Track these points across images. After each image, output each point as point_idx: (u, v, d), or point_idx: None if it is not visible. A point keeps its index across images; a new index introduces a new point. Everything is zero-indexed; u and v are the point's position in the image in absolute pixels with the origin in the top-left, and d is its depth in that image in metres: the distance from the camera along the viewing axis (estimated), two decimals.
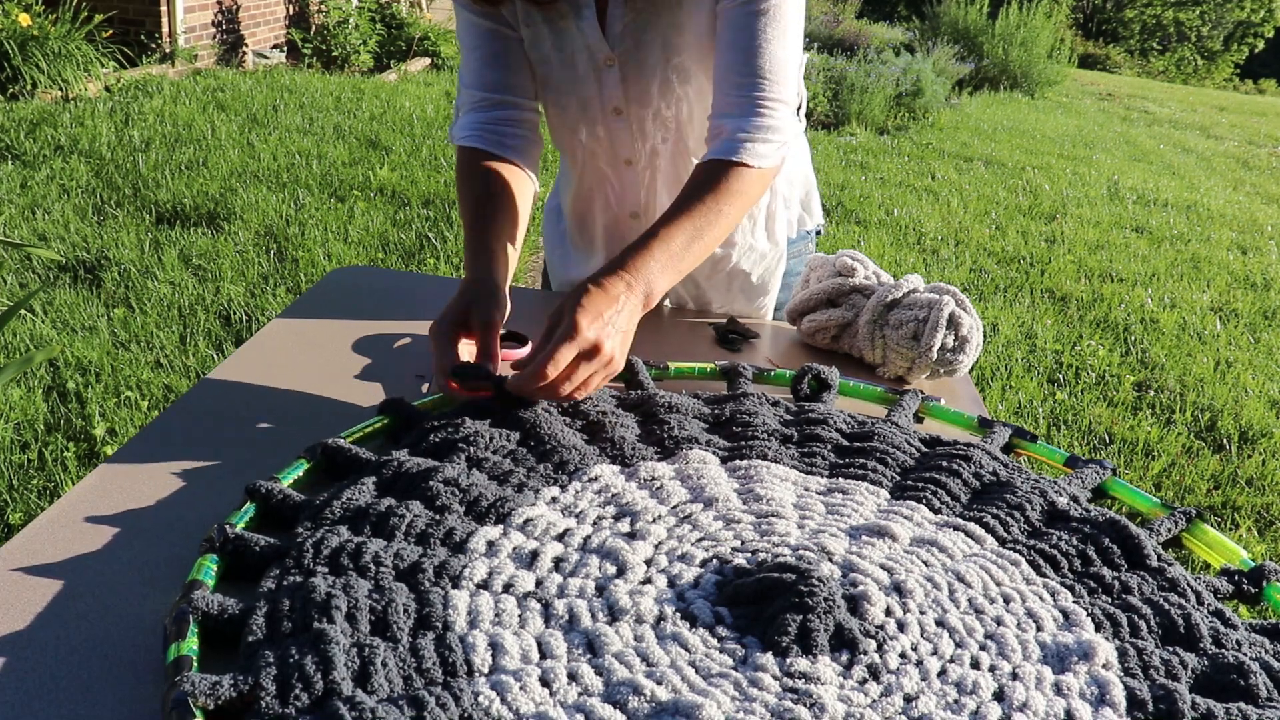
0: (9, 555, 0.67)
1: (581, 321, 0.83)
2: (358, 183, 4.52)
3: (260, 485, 0.72)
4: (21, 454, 2.26)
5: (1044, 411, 3.17)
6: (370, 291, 1.24)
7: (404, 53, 7.87)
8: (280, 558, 0.66)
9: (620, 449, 0.83)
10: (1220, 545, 0.80)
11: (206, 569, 0.64)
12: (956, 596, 0.68)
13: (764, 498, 0.77)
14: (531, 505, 0.73)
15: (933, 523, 0.77)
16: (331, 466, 0.79)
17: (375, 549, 0.65)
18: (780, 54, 1.03)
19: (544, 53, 1.11)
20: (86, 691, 0.57)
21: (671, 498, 0.76)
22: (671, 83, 1.10)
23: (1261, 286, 4.84)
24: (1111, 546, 0.75)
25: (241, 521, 0.69)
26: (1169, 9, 22.72)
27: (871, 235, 4.84)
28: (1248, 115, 12.60)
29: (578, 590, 0.65)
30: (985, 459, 0.86)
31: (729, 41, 1.03)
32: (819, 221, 1.36)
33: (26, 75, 5.10)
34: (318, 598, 0.60)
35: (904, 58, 8.97)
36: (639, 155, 1.18)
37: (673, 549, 0.70)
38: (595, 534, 0.71)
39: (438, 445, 0.81)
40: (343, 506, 0.70)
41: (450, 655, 0.57)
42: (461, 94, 1.14)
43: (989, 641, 0.64)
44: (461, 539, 0.68)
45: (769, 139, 1.02)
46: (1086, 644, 0.63)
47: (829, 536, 0.73)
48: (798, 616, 0.62)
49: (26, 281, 3.16)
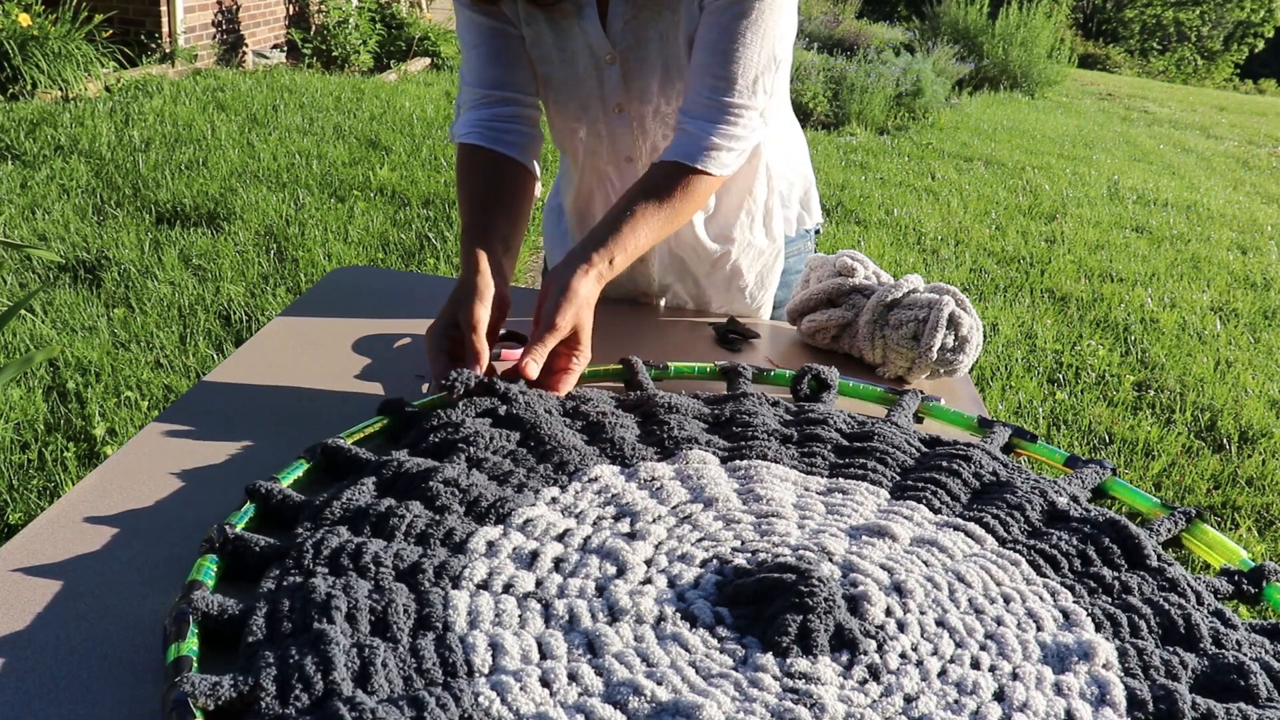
0: (9, 555, 0.67)
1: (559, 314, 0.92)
2: (358, 183, 4.52)
3: (260, 485, 0.72)
4: (21, 454, 2.26)
5: (1044, 411, 3.17)
6: (370, 291, 1.24)
7: (404, 53, 7.87)
8: (280, 558, 0.65)
9: (620, 449, 0.82)
10: (1220, 545, 0.80)
11: (206, 569, 0.64)
12: (957, 596, 0.68)
13: (764, 498, 0.77)
14: (531, 505, 0.73)
15: (933, 523, 0.77)
16: (331, 466, 0.79)
17: (375, 549, 0.65)
18: (756, 59, 1.03)
19: (545, 51, 1.11)
20: (86, 691, 0.57)
21: (671, 498, 0.76)
22: (672, 79, 1.10)
23: (1261, 286, 4.84)
24: (1112, 546, 0.74)
25: (241, 522, 0.69)
26: (1169, 9, 22.72)
27: (871, 235, 4.84)
28: (1248, 115, 12.60)
29: (578, 590, 0.65)
30: (985, 459, 0.86)
31: (708, 41, 1.03)
32: (818, 220, 1.36)
33: (26, 75, 5.10)
34: (318, 598, 0.60)
35: (904, 58, 8.97)
36: (640, 152, 1.18)
37: (673, 549, 0.70)
38: (595, 534, 0.71)
39: (438, 445, 0.80)
40: (343, 507, 0.70)
41: (450, 655, 0.57)
42: (463, 92, 1.13)
43: (989, 641, 0.64)
44: (461, 539, 0.68)
45: (732, 147, 1.04)
46: (1087, 644, 0.63)
47: (829, 537, 0.73)
48: (798, 617, 0.61)
49: (26, 281, 3.16)
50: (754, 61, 1.03)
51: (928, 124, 8.15)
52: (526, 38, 1.11)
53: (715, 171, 1.04)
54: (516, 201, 1.07)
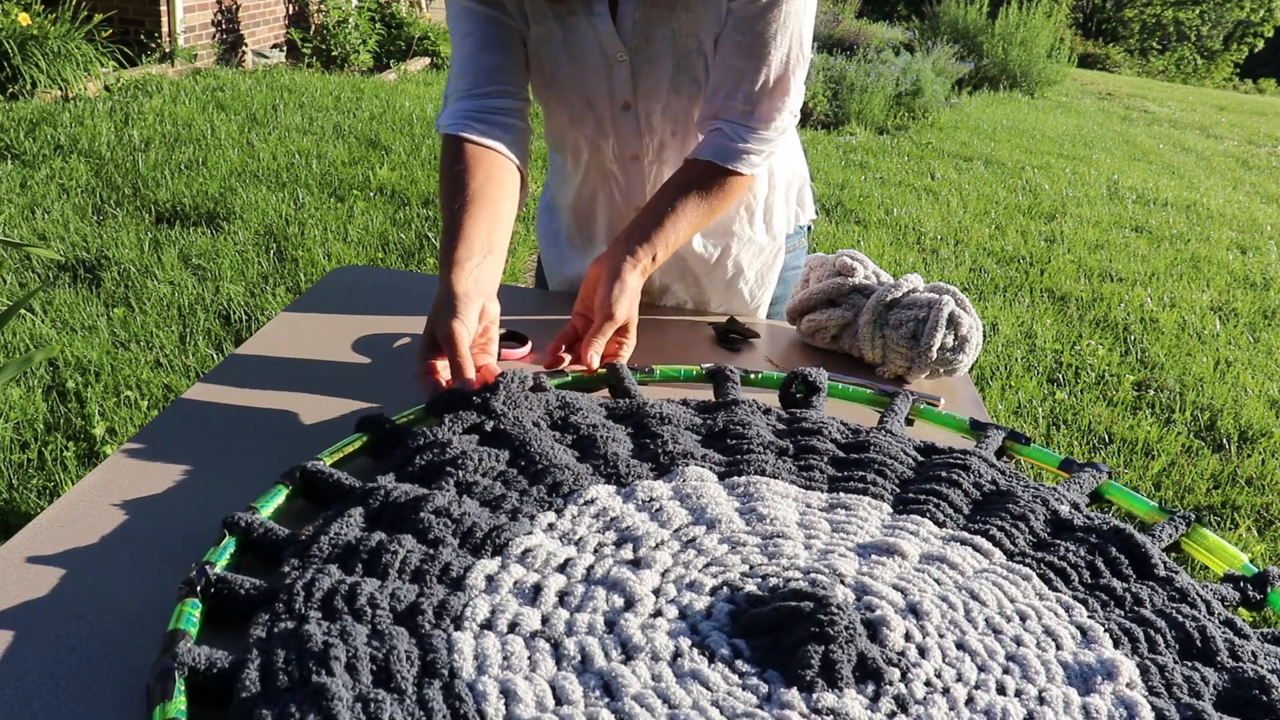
0: (9, 555, 0.67)
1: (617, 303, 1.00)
2: (357, 182, 4.52)
3: (239, 518, 0.68)
4: (21, 454, 2.26)
5: (1043, 411, 3.17)
6: (370, 291, 1.24)
7: (404, 52, 7.86)
8: (268, 601, 0.61)
9: (615, 467, 0.79)
10: (1220, 550, 0.80)
11: (188, 616, 0.59)
12: (973, 616, 0.67)
13: (767, 517, 0.75)
14: (528, 534, 0.70)
15: (939, 537, 0.76)
16: (312, 491, 0.75)
17: (370, 590, 0.62)
18: (787, 60, 1.03)
19: (552, 49, 1.10)
20: (86, 692, 0.57)
21: (673, 520, 0.74)
22: (682, 75, 1.10)
23: (1261, 286, 4.84)
24: (1119, 557, 0.74)
25: (222, 559, 0.65)
26: (1169, 9, 22.72)
27: (871, 235, 4.84)
28: (1247, 115, 12.60)
29: (587, 626, 0.62)
30: (984, 467, 0.85)
31: (738, 43, 1.03)
32: (811, 215, 1.36)
33: (26, 75, 5.09)
34: (314, 647, 0.56)
35: (904, 57, 8.97)
36: (646, 149, 1.17)
37: (680, 577, 0.68)
38: (598, 563, 0.68)
39: (425, 469, 0.76)
40: (331, 542, 0.66)
41: (461, 706, 0.54)
42: (451, 82, 1.10)
43: (1012, 664, 0.62)
44: (459, 574, 0.65)
45: (764, 149, 1.06)
46: (1109, 663, 0.62)
47: (838, 557, 0.71)
48: (819, 647, 0.59)
49: (26, 281, 3.16)
50: (784, 62, 1.04)
51: (927, 123, 8.15)
52: (533, 36, 1.10)
53: (746, 172, 1.08)
54: (502, 199, 1.03)
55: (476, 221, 0.99)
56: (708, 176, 1.06)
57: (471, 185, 1.01)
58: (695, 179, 1.06)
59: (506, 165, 1.06)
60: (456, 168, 1.03)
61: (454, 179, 1.02)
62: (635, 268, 1.01)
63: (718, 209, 1.09)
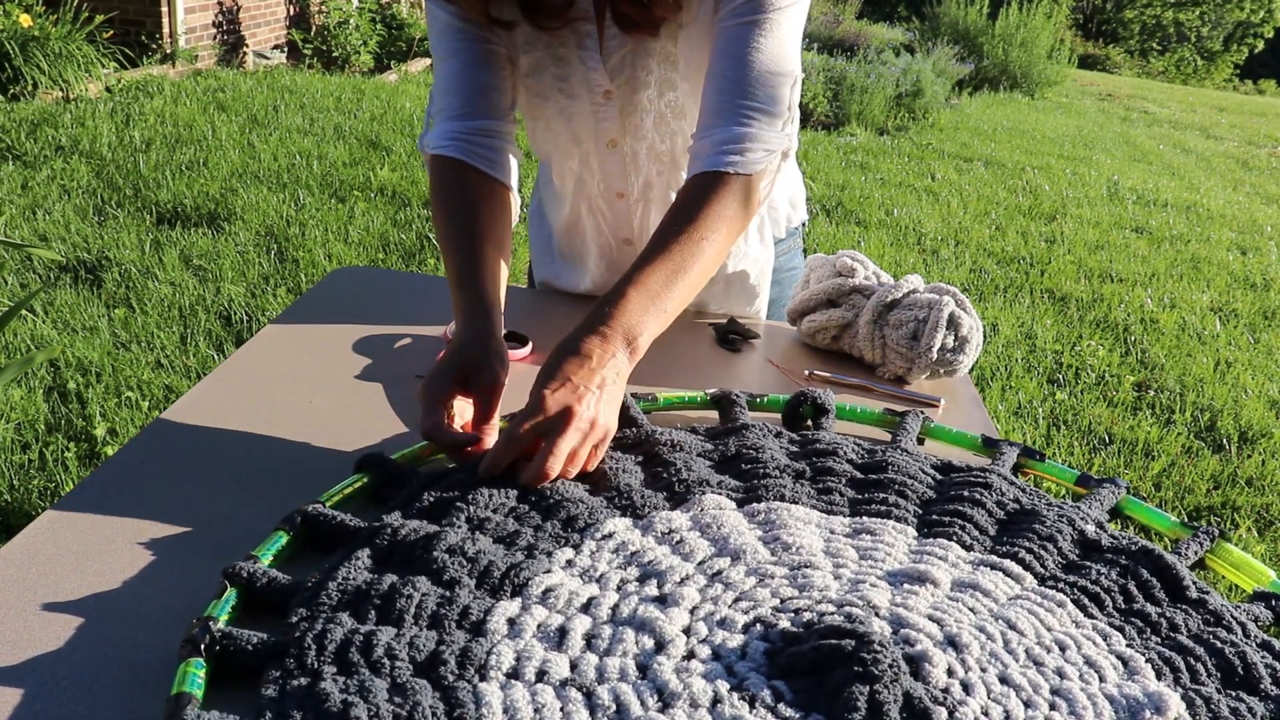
0: (9, 555, 0.67)
1: (545, 392, 0.78)
2: (358, 183, 4.52)
3: (240, 569, 0.64)
4: (22, 454, 2.26)
5: (1044, 412, 3.17)
6: (371, 292, 1.24)
7: (404, 53, 7.87)
8: (278, 656, 0.57)
9: (629, 498, 0.76)
10: (1247, 565, 0.78)
11: (193, 677, 0.55)
12: (1013, 647, 0.65)
13: (793, 546, 0.72)
14: (547, 572, 0.67)
15: (968, 562, 0.74)
16: (313, 536, 0.71)
17: (386, 639, 0.58)
18: (771, 67, 1.00)
19: (543, 81, 1.08)
20: (86, 692, 0.57)
21: (696, 553, 0.71)
22: (666, 117, 1.09)
23: (1261, 287, 4.84)
24: (1150, 579, 0.72)
25: (224, 613, 0.61)
26: (1169, 9, 22.73)
27: (871, 235, 4.84)
28: (1247, 115, 12.60)
29: (618, 672, 0.59)
30: (1005, 485, 0.84)
31: (720, 50, 1.00)
32: (804, 216, 1.36)
33: (27, 76, 5.10)
34: (333, 707, 0.52)
35: (904, 58, 8.97)
36: (631, 188, 1.16)
37: (710, 614, 0.65)
38: (623, 602, 0.65)
39: (433, 505, 0.73)
40: (339, 588, 0.63)
41: None
42: (435, 102, 1.06)
43: (1057, 699, 0.61)
44: (479, 618, 0.61)
45: (753, 146, 0.98)
46: (1155, 696, 0.60)
47: (869, 587, 0.69)
48: (864, 688, 0.57)
49: (27, 282, 3.16)
50: (767, 67, 0.99)
51: (928, 124, 8.16)
52: (524, 65, 1.07)
53: (736, 170, 0.96)
54: (502, 228, 1.01)
55: (489, 259, 0.96)
56: (694, 197, 0.96)
57: (476, 214, 0.99)
58: (680, 207, 0.96)
59: (502, 194, 1.04)
60: (457, 194, 1.01)
61: (454, 205, 1.00)
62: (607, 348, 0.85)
63: (711, 235, 0.94)
